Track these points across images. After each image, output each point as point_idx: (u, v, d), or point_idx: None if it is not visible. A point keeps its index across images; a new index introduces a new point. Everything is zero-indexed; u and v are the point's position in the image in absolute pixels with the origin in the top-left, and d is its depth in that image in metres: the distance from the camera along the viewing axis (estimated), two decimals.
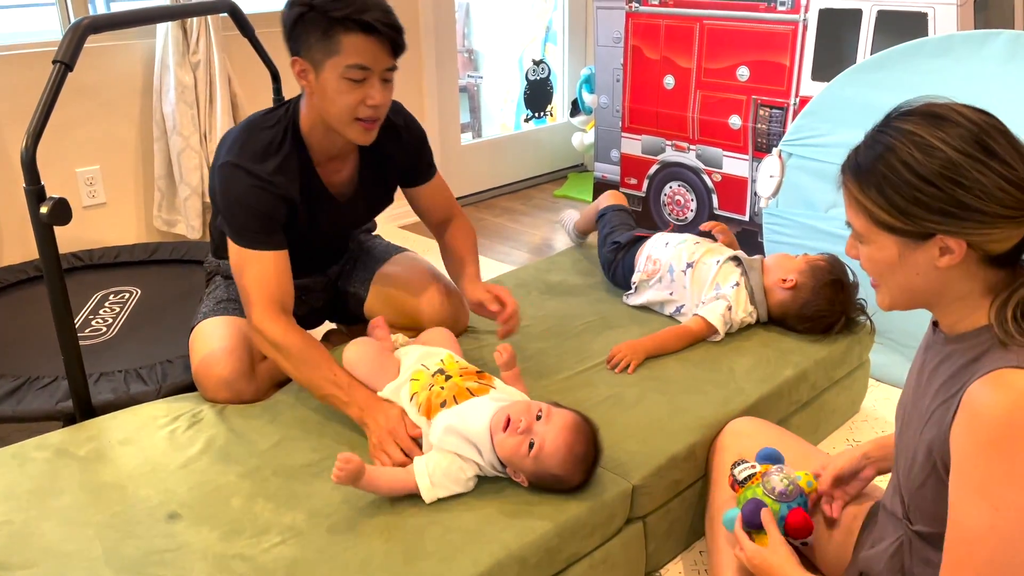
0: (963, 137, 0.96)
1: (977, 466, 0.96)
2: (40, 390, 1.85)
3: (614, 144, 3.84)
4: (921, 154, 0.97)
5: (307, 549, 1.32)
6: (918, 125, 0.99)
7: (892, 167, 0.99)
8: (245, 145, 1.69)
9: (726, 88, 3.15)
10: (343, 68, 1.59)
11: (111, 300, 2.35)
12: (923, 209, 0.98)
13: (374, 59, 1.60)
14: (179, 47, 2.74)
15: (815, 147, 2.49)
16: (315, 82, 1.64)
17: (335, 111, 1.65)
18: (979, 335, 1.03)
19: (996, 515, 0.94)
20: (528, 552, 1.33)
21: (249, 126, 1.73)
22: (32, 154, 1.57)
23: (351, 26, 1.57)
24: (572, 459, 1.41)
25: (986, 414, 0.94)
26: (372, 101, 1.63)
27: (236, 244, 1.68)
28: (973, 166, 0.95)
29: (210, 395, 1.75)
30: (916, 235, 1.00)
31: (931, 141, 0.97)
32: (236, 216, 1.68)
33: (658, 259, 2.15)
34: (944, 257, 1.00)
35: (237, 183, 1.67)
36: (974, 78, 2.18)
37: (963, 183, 0.95)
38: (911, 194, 0.98)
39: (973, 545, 0.97)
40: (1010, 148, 0.96)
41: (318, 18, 1.58)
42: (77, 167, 2.76)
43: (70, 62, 1.63)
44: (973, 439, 0.96)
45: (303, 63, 1.64)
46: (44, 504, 1.43)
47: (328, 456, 1.54)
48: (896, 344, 2.32)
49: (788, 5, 2.90)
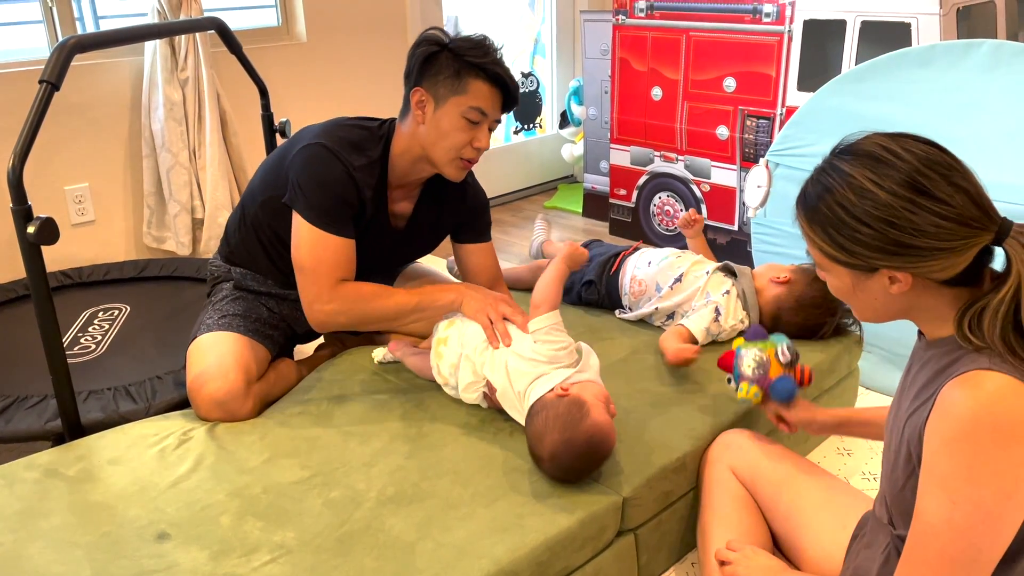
0: (895, 179, 0.99)
1: (940, 460, 0.99)
2: (28, 409, 1.84)
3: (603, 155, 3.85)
4: (855, 196, 1.02)
5: (297, 568, 1.31)
6: (854, 167, 1.03)
7: (831, 208, 1.04)
8: (339, 135, 1.77)
9: (713, 99, 3.17)
10: (465, 108, 1.71)
11: (100, 317, 2.35)
12: (863, 248, 1.03)
13: (492, 107, 1.74)
14: (167, 64, 2.74)
15: (802, 157, 2.51)
16: (431, 114, 1.74)
17: (444, 144, 1.75)
18: (955, 340, 1.05)
19: (953, 509, 0.98)
20: (519, 567, 1.33)
21: (341, 122, 1.82)
22: (19, 174, 1.57)
23: (482, 74, 1.70)
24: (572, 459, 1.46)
25: (954, 412, 0.97)
26: (479, 144, 1.76)
27: (310, 224, 1.72)
28: (904, 207, 0.99)
29: (202, 413, 1.74)
30: (863, 268, 1.05)
31: (864, 184, 1.01)
32: (320, 197, 1.72)
33: (643, 280, 2.16)
34: (894, 286, 1.05)
35: (328, 165, 1.73)
36: (957, 87, 2.20)
37: (896, 223, 0.99)
38: (850, 234, 1.03)
39: (929, 536, 1.01)
40: (945, 184, 0.99)
41: (452, 59, 1.70)
42: (66, 185, 2.76)
43: (56, 82, 1.63)
44: (940, 435, 0.99)
45: (424, 94, 1.73)
46: (33, 525, 1.42)
47: (318, 473, 1.54)
48: (885, 352, 2.33)
49: (773, 17, 2.92)
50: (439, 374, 1.75)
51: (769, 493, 1.49)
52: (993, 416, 0.95)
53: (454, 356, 1.72)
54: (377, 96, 3.49)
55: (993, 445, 0.95)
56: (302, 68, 3.24)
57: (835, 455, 2.08)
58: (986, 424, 0.95)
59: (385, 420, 1.72)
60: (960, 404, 0.97)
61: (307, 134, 1.81)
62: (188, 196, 2.87)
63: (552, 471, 1.49)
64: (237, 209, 2.00)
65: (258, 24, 3.22)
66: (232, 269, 2.00)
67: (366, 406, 1.77)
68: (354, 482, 1.52)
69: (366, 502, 1.46)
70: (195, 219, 2.92)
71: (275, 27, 3.24)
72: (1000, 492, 0.97)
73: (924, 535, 1.02)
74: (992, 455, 0.96)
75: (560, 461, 1.46)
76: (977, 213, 0.99)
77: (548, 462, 1.48)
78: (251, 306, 1.93)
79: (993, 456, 0.96)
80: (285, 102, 3.18)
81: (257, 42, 3.09)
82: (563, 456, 1.46)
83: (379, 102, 3.49)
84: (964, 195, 0.99)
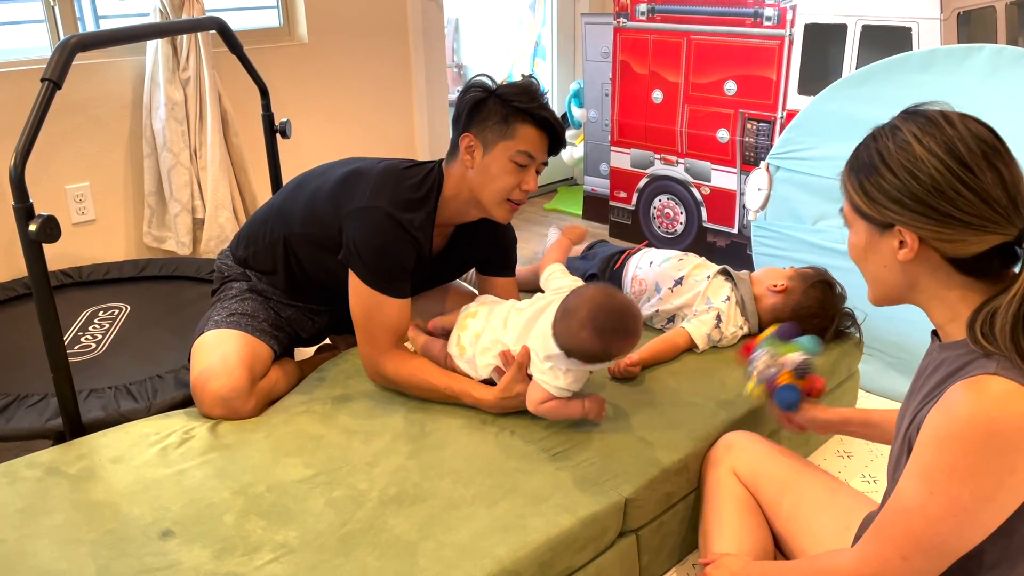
0: (935, 139, 1.01)
1: (928, 452, 1.01)
2: (29, 408, 1.84)
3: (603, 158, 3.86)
4: (895, 146, 1.04)
5: (299, 567, 1.31)
6: (906, 123, 1.05)
7: (871, 155, 1.07)
8: (393, 193, 1.76)
9: (714, 102, 3.18)
10: (514, 152, 1.73)
11: (101, 317, 2.34)
12: (884, 196, 1.05)
13: (539, 151, 1.76)
14: (169, 64, 2.74)
15: (802, 160, 2.51)
16: (480, 159, 1.76)
17: (493, 187, 1.77)
18: (968, 344, 1.05)
19: (930, 498, 1.00)
20: (521, 567, 1.33)
21: (391, 174, 1.80)
22: (20, 172, 1.57)
23: (529, 119, 1.73)
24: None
25: (953, 411, 0.98)
26: (527, 187, 1.78)
27: (370, 288, 1.74)
28: (933, 164, 1.00)
29: (206, 410, 1.75)
30: (879, 223, 1.07)
31: (907, 137, 1.03)
32: (379, 262, 1.74)
33: (644, 279, 2.16)
34: (902, 250, 1.06)
35: (387, 231, 1.73)
36: (957, 91, 2.21)
37: (918, 177, 1.01)
38: (877, 181, 1.05)
39: (901, 516, 1.04)
40: (980, 159, 1.00)
41: (500, 105, 1.73)
42: (67, 184, 2.76)
43: (58, 80, 1.63)
44: (934, 429, 1.01)
45: (473, 139, 1.76)
46: (36, 523, 1.42)
47: (322, 472, 1.54)
48: (885, 355, 2.33)
49: (774, 20, 2.93)
50: (457, 344, 1.78)
51: (771, 495, 1.49)
52: (990, 421, 0.96)
53: (479, 326, 1.77)
54: (378, 97, 3.49)
55: (984, 449, 0.96)
56: (303, 69, 3.24)
57: (835, 457, 2.08)
58: (981, 428, 0.96)
59: (388, 420, 1.72)
60: (961, 405, 0.98)
61: (361, 186, 1.78)
62: (189, 196, 2.87)
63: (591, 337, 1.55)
64: (265, 221, 1.97)
65: (260, 25, 3.22)
66: (247, 271, 2.00)
67: (369, 406, 1.77)
68: (356, 481, 1.52)
69: (368, 502, 1.46)
70: (196, 219, 2.92)
71: (277, 28, 3.24)
72: (979, 494, 0.98)
73: (896, 514, 1.05)
74: (980, 458, 0.97)
75: (598, 322, 1.54)
76: (1003, 199, 0.99)
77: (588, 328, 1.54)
78: (259, 307, 1.94)
79: (981, 459, 0.97)
80: (286, 102, 3.18)
81: (258, 42, 3.09)
82: (600, 317, 1.54)
83: (380, 103, 3.50)
84: (996, 175, 0.99)
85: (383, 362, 1.77)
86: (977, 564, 1.07)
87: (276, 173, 2.55)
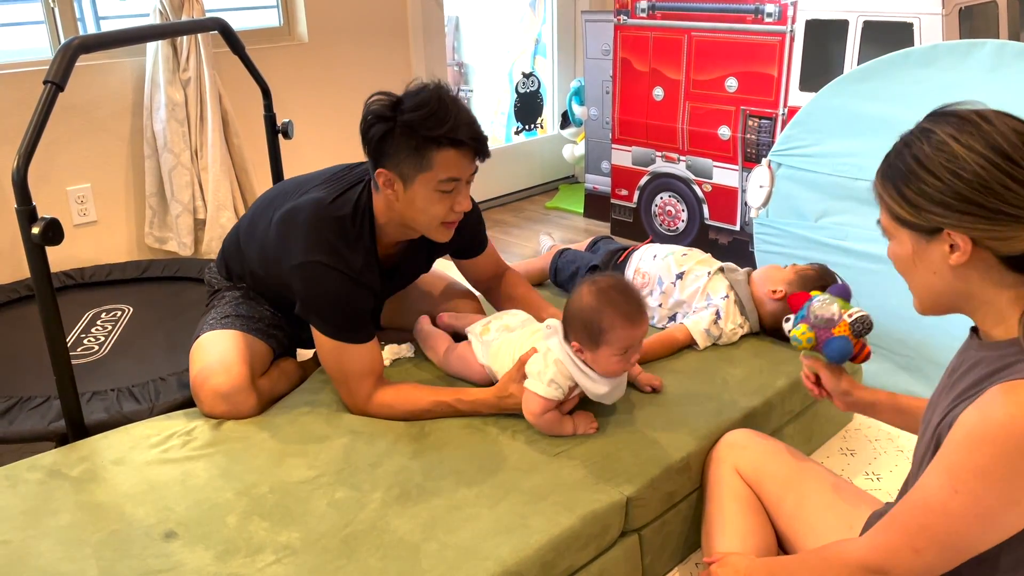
0: (974, 136, 0.99)
1: (958, 451, 0.99)
2: (32, 410, 1.84)
3: (604, 156, 3.85)
4: (932, 149, 1.01)
5: (302, 568, 1.31)
6: (939, 124, 1.03)
7: (906, 161, 1.04)
8: (326, 241, 1.66)
9: (715, 99, 3.17)
10: (436, 183, 1.62)
11: (103, 318, 2.35)
12: (927, 200, 1.01)
13: (463, 170, 1.65)
14: (169, 65, 2.74)
15: (804, 157, 2.50)
16: (403, 192, 1.65)
17: (424, 219, 1.68)
18: (1012, 345, 1.03)
19: (953, 496, 0.99)
20: (524, 567, 1.33)
21: (319, 217, 1.68)
22: (23, 174, 1.57)
23: (444, 143, 1.59)
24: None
25: (990, 413, 0.96)
26: (460, 208, 1.68)
27: (334, 340, 1.68)
28: (976, 161, 0.98)
29: (207, 408, 1.74)
30: (926, 230, 1.04)
31: (943, 138, 1.01)
32: (334, 314, 1.68)
33: (647, 272, 2.16)
34: (954, 254, 1.02)
35: (331, 282, 1.66)
36: (959, 87, 2.20)
37: (962, 175, 0.98)
38: (918, 186, 1.02)
39: (921, 510, 1.03)
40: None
41: (408, 134, 1.59)
42: (68, 185, 2.76)
43: (60, 82, 1.63)
44: (967, 428, 0.99)
45: (389, 174, 1.65)
46: (40, 524, 1.42)
47: (324, 473, 1.54)
48: (888, 352, 2.33)
49: (775, 17, 2.92)
50: (484, 325, 1.84)
51: (774, 493, 1.49)
52: None
53: (515, 323, 1.82)
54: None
55: (1017, 454, 0.95)
56: (303, 68, 3.24)
57: (838, 455, 2.08)
58: (1017, 433, 0.94)
59: (390, 421, 1.72)
60: (999, 408, 0.96)
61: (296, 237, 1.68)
62: (190, 197, 2.87)
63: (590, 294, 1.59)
64: (235, 240, 1.94)
65: (259, 25, 3.22)
66: (236, 284, 1.99)
67: None
68: (359, 482, 1.52)
69: (371, 503, 1.46)
70: (197, 220, 2.92)
71: (277, 27, 3.24)
72: (1006, 497, 0.97)
73: (916, 507, 1.04)
74: (1012, 464, 0.95)
75: (599, 283, 1.59)
76: None
77: (586, 286, 1.59)
78: (254, 309, 1.93)
79: (1013, 465, 0.95)
80: (286, 102, 3.18)
81: (258, 42, 3.09)
82: (600, 280, 1.60)
83: None
84: None
85: (368, 407, 1.73)
86: (991, 568, 1.05)
87: (278, 173, 2.55)
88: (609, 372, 1.61)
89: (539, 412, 1.63)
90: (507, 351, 1.74)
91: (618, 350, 1.57)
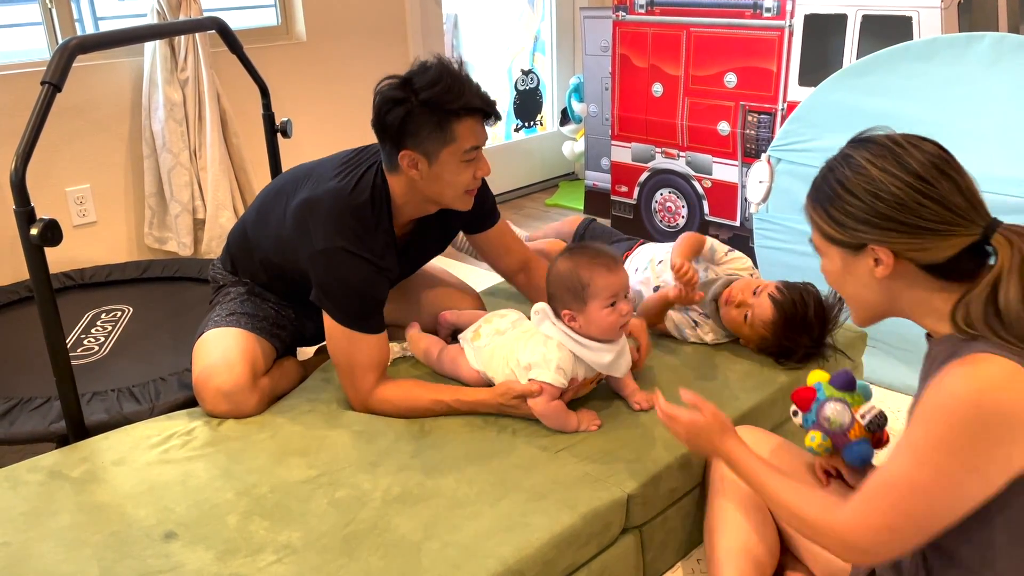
0: (888, 160, 1.08)
1: (919, 427, 1.04)
2: (32, 411, 1.84)
3: (604, 152, 3.85)
4: (852, 173, 1.11)
5: (303, 568, 1.31)
6: (857, 150, 1.13)
7: (831, 185, 1.14)
8: (347, 227, 1.69)
9: (714, 95, 3.17)
10: (461, 154, 1.67)
11: (103, 319, 2.34)
12: (851, 219, 1.11)
13: (482, 136, 1.71)
14: (167, 64, 2.74)
15: (804, 152, 2.50)
16: (427, 170, 1.68)
17: (451, 191, 1.72)
18: (955, 335, 1.09)
19: (919, 470, 1.03)
20: (525, 565, 1.33)
21: (340, 203, 1.71)
22: (21, 176, 1.57)
23: (464, 114, 1.64)
24: None
25: (947, 387, 1.02)
26: (482, 173, 1.73)
27: (346, 328, 1.70)
28: (892, 182, 1.07)
29: (209, 406, 1.75)
30: (852, 246, 1.13)
31: (861, 163, 1.11)
32: (350, 302, 1.70)
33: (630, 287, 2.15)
34: (879, 267, 1.11)
35: (351, 269, 1.68)
36: (959, 81, 2.20)
37: (882, 196, 1.08)
38: (842, 207, 1.12)
39: (888, 488, 1.06)
40: (934, 170, 1.07)
41: (429, 112, 1.63)
42: (67, 186, 2.76)
43: (58, 83, 1.62)
44: (927, 405, 1.04)
45: (413, 154, 1.67)
46: (40, 526, 1.42)
47: (325, 472, 1.54)
48: (889, 347, 2.33)
49: (774, 11, 2.92)
50: (475, 331, 1.84)
51: None
52: (981, 397, 0.98)
53: (505, 326, 1.81)
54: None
55: (977, 424, 0.99)
56: (302, 67, 3.23)
57: None
58: (973, 404, 0.99)
59: (390, 419, 1.72)
60: (956, 382, 1.01)
61: (316, 224, 1.70)
62: (189, 196, 2.86)
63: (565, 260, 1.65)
64: (241, 234, 1.95)
65: (257, 24, 3.22)
66: (242, 279, 2.00)
67: None
68: (360, 482, 1.52)
69: (372, 502, 1.46)
70: (196, 219, 2.92)
71: (274, 26, 3.23)
72: (967, 465, 1.01)
73: (883, 486, 1.07)
74: (969, 432, 0.99)
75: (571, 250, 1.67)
76: (962, 203, 1.06)
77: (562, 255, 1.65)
78: (259, 307, 1.94)
79: (972, 434, 0.99)
80: (284, 101, 3.17)
81: (256, 42, 3.09)
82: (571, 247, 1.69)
83: None
84: (951, 183, 1.06)
85: (370, 400, 1.73)
86: (987, 547, 1.06)
87: (277, 172, 2.54)
88: (605, 330, 1.62)
89: (546, 400, 1.64)
90: (500, 355, 1.74)
91: (605, 300, 1.60)
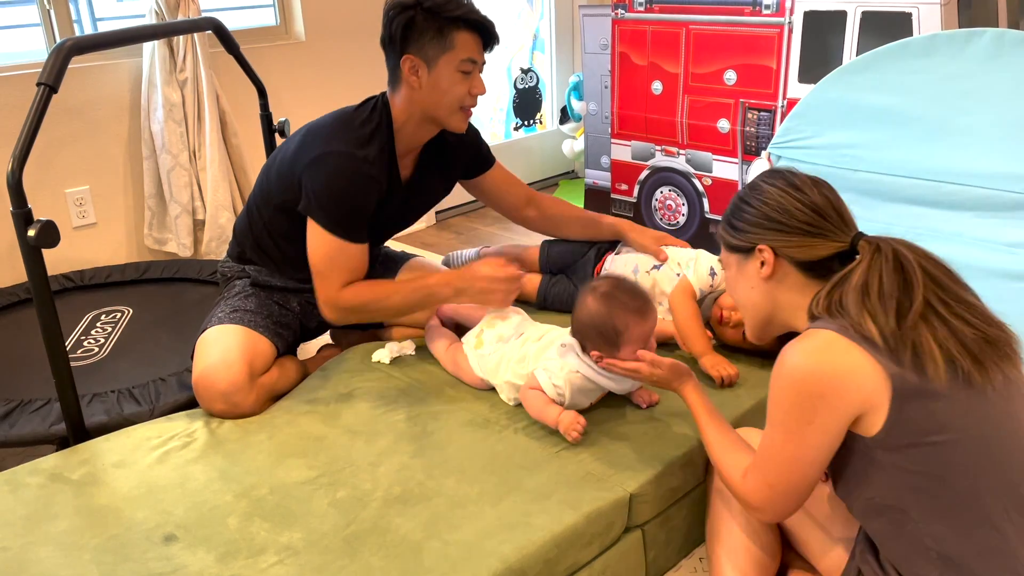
0: (776, 177, 1.31)
1: (773, 399, 1.20)
2: (33, 413, 1.84)
3: (604, 150, 3.84)
4: (749, 189, 1.34)
5: (304, 569, 1.31)
6: (760, 177, 1.33)
7: (734, 203, 1.36)
8: (345, 135, 1.79)
9: (714, 92, 3.16)
10: (458, 62, 1.77)
11: (103, 320, 2.34)
12: (745, 223, 1.31)
13: (480, 53, 1.81)
14: (166, 65, 2.74)
15: (804, 149, 2.49)
16: (426, 77, 1.78)
17: (446, 101, 1.81)
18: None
19: (773, 432, 1.20)
20: (527, 564, 1.33)
21: (342, 119, 1.83)
22: (18, 177, 1.57)
23: (464, 24, 1.75)
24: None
25: (786, 361, 1.18)
26: (477, 91, 1.82)
27: (331, 234, 1.77)
28: (779, 194, 1.29)
29: (206, 405, 1.75)
30: (744, 249, 1.32)
31: (757, 182, 1.33)
32: (339, 208, 1.77)
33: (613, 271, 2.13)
34: (764, 268, 1.29)
35: (344, 173, 1.76)
36: (959, 77, 2.19)
37: (769, 203, 1.29)
38: (739, 215, 1.33)
39: (769, 459, 1.23)
40: (812, 186, 1.28)
41: (431, 19, 1.74)
42: (66, 188, 2.75)
43: (54, 84, 1.62)
44: (776, 380, 1.19)
45: (415, 59, 1.77)
46: (40, 529, 1.42)
47: (324, 473, 1.54)
48: None
49: (773, 8, 2.91)
50: (477, 337, 1.85)
51: None
52: (809, 361, 1.15)
53: (508, 331, 1.83)
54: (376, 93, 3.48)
55: (801, 384, 1.14)
56: (300, 67, 3.23)
57: None
58: (798, 368, 1.15)
59: (390, 419, 1.71)
60: (791, 356, 1.17)
61: (315, 138, 1.82)
62: (189, 197, 2.86)
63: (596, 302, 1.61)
64: (244, 212, 2.01)
65: (256, 24, 3.21)
66: (246, 267, 2.00)
67: (372, 405, 1.77)
68: (360, 482, 1.51)
69: (372, 502, 1.46)
70: (196, 220, 2.92)
71: (273, 26, 3.23)
72: (803, 419, 1.16)
73: (767, 457, 1.23)
74: (813, 396, 1.14)
75: (601, 288, 1.63)
76: (832, 213, 1.26)
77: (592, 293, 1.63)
78: (263, 303, 1.94)
79: (814, 396, 1.14)
80: (284, 102, 3.17)
81: (255, 42, 3.08)
82: (602, 284, 1.64)
83: None
84: (823, 196, 1.27)
85: (341, 296, 1.80)
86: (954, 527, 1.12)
87: None
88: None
89: (532, 386, 1.66)
90: (506, 365, 1.75)
91: (639, 346, 1.58)
